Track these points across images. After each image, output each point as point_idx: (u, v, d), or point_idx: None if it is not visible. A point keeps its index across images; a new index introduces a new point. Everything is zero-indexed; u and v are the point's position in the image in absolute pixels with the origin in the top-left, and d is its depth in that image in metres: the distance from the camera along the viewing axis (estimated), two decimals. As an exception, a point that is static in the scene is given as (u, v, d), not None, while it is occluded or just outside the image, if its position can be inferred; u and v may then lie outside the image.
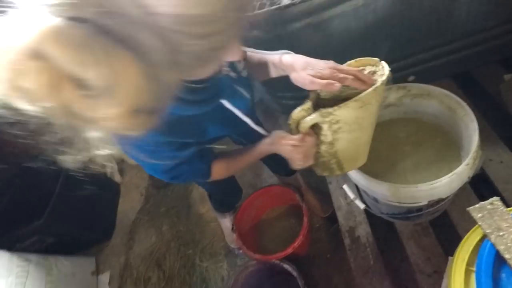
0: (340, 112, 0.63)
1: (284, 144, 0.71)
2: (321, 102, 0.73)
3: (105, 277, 1.86)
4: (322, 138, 0.69)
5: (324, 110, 0.63)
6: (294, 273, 1.19)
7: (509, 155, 1.07)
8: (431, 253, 1.01)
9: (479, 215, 0.57)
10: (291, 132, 0.71)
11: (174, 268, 1.72)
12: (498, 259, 0.55)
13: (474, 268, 0.57)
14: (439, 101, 0.91)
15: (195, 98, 0.59)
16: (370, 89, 0.63)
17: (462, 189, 1.06)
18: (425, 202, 0.86)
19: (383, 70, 0.68)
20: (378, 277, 1.05)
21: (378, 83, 0.64)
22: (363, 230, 1.15)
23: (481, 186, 1.07)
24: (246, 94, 0.76)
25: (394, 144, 1.04)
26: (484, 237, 0.59)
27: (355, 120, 0.66)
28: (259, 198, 1.45)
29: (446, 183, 0.75)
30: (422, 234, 1.05)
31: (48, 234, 1.77)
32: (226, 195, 1.41)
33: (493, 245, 0.54)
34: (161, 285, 1.69)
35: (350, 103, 0.62)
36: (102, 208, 2.08)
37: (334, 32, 1.05)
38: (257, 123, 0.82)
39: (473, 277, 0.57)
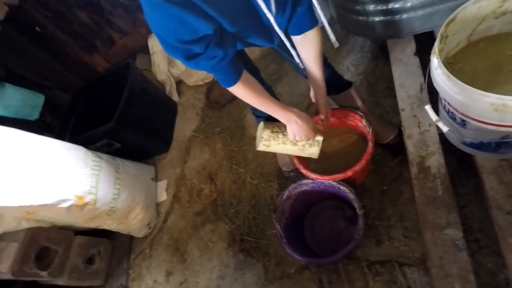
0: (315, 145, 1.15)
1: (313, 123, 1.10)
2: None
3: (163, 184, 2.04)
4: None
5: (321, 140, 1.15)
6: (351, 196, 1.18)
7: None
8: (515, 191, 0.90)
9: None
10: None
11: (226, 183, 1.81)
12: None
13: None
14: None
15: None
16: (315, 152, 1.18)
17: None
18: (531, 127, 0.73)
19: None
20: (445, 208, 0.98)
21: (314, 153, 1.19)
22: (435, 161, 1.06)
23: None
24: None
25: (498, 63, 0.88)
26: None
27: (303, 151, 1.17)
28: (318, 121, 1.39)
29: None
30: (508, 170, 0.93)
31: (115, 139, 1.94)
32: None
33: None
34: (212, 197, 1.82)
35: (318, 148, 1.16)
36: (161, 123, 2.21)
37: None
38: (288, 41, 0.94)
39: None
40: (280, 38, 0.94)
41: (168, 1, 0.65)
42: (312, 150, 1.14)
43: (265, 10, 0.78)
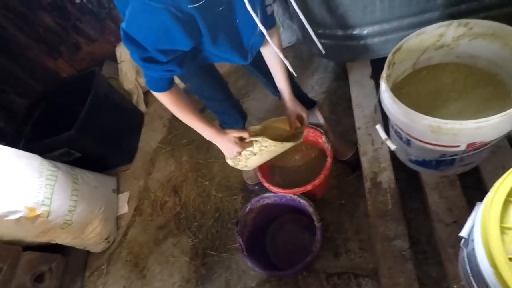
0: (269, 143, 1.08)
1: (236, 135, 1.05)
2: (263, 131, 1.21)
3: (124, 196, 1.98)
4: (251, 148, 1.10)
5: (264, 138, 1.07)
6: (310, 209, 1.22)
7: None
8: (453, 205, 1.00)
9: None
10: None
11: (190, 196, 1.79)
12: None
13: (514, 199, 0.56)
14: (503, 42, 0.83)
15: None
16: (289, 143, 1.14)
17: (499, 147, 1.02)
18: (463, 147, 0.83)
19: (301, 136, 1.19)
20: (394, 221, 1.05)
21: (291, 144, 1.15)
22: (386, 177, 1.13)
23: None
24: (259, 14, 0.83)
25: (438, 90, 0.99)
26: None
27: (271, 151, 1.14)
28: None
29: (494, 123, 0.71)
30: (448, 185, 1.03)
31: (76, 148, 1.86)
32: (224, 114, 1.36)
33: (543, 175, 0.52)
34: (176, 210, 1.78)
35: (276, 143, 1.08)
36: (126, 133, 2.15)
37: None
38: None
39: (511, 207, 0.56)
40: (253, 56, 0.98)
41: (168, 11, 0.64)
42: (269, 142, 1.08)
43: (259, 24, 0.79)
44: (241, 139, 1.08)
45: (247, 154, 1.12)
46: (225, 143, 1.06)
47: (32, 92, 2.43)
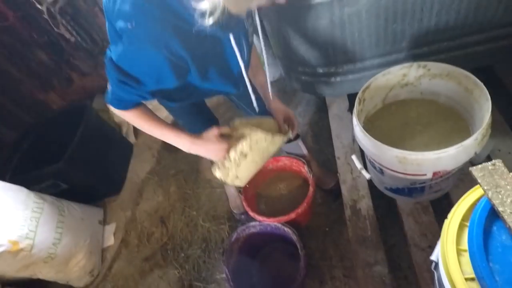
0: (259, 137, 0.95)
1: (216, 133, 0.92)
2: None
3: (111, 227, 1.96)
4: (240, 146, 0.95)
5: (253, 128, 0.95)
6: (294, 237, 1.25)
7: (518, 148, 1.09)
8: (427, 230, 1.05)
9: (480, 174, 0.61)
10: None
11: (177, 226, 1.80)
12: (492, 214, 0.59)
13: (468, 223, 0.62)
14: (457, 82, 0.94)
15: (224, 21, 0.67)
16: (279, 137, 1.02)
17: (466, 174, 1.10)
18: (429, 175, 0.90)
19: (289, 133, 1.11)
20: (373, 247, 1.10)
21: (283, 138, 1.04)
22: (365, 204, 1.19)
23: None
24: (246, 49, 0.88)
25: (406, 123, 1.08)
26: (482, 197, 0.63)
27: (262, 150, 1.00)
28: (266, 167, 1.50)
29: (452, 154, 0.79)
30: (421, 212, 1.09)
31: (63, 180, 1.86)
32: None
33: (488, 201, 0.59)
34: (163, 240, 1.78)
35: (266, 136, 0.96)
36: (114, 164, 2.17)
37: (361, 9, 1.08)
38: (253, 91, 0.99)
39: (466, 231, 0.62)
40: (245, 84, 1.00)
41: (161, 53, 0.68)
42: (258, 135, 0.95)
43: (239, 59, 0.84)
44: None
45: (236, 158, 0.97)
46: (206, 145, 0.91)
47: (21, 124, 2.45)
